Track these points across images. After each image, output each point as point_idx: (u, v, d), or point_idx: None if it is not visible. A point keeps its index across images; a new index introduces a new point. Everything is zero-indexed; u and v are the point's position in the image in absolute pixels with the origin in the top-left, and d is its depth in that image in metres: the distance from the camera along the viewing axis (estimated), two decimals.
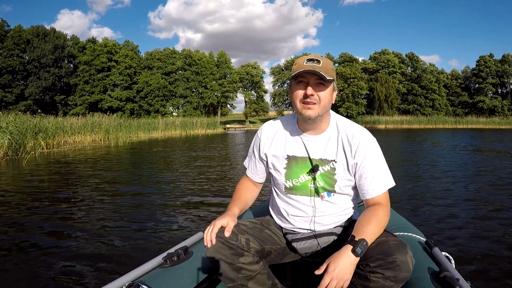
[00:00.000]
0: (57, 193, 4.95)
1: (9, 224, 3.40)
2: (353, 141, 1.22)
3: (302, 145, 1.27)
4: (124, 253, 2.64)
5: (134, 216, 3.69)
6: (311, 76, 1.16)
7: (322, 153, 1.25)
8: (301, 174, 1.27)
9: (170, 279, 1.20)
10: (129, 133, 20.05)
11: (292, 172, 1.28)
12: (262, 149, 1.36)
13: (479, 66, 47.50)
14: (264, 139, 1.36)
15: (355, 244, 1.05)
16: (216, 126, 31.87)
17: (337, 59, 48.26)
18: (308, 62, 1.16)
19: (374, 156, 1.22)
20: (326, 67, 1.16)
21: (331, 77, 1.17)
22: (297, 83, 1.20)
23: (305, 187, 1.27)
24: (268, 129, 1.37)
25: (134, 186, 5.48)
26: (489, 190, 4.83)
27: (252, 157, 1.42)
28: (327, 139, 1.26)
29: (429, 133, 25.70)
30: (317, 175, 1.24)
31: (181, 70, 41.48)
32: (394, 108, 45.89)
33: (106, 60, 38.76)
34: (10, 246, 2.83)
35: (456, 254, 2.38)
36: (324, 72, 1.14)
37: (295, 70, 1.18)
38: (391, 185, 1.24)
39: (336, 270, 1.01)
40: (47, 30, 38.83)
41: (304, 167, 1.26)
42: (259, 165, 1.40)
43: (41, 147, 11.71)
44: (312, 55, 1.20)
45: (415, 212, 3.68)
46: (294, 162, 1.28)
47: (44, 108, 36.26)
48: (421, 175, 6.31)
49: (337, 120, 1.29)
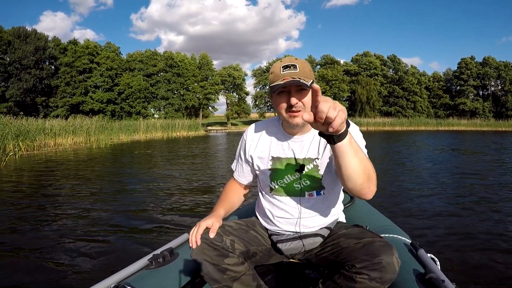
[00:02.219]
0: (36, 195, 4.89)
1: None
2: None
3: (287, 146, 1.27)
4: (109, 255, 2.64)
5: (118, 218, 3.67)
6: (291, 85, 1.14)
7: (306, 152, 1.25)
8: (286, 175, 1.27)
9: (156, 280, 1.20)
10: (110, 135, 19.90)
11: (277, 173, 1.29)
12: (247, 151, 1.37)
13: (460, 68, 47.91)
14: (250, 141, 1.37)
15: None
16: (198, 128, 31.74)
17: (319, 61, 48.57)
18: (284, 70, 1.15)
19: (356, 139, 1.10)
20: (303, 71, 1.15)
21: (311, 79, 1.16)
22: (278, 94, 1.18)
23: (291, 188, 1.27)
24: (253, 132, 1.38)
25: (117, 188, 5.47)
26: (474, 191, 4.88)
27: (239, 160, 1.43)
28: (312, 138, 1.25)
29: (411, 135, 25.60)
30: (303, 174, 1.24)
31: (162, 72, 41.56)
32: (376, 110, 46.33)
33: (87, 62, 38.77)
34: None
35: (441, 255, 2.38)
36: (303, 77, 1.13)
37: (273, 80, 1.17)
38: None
39: (331, 101, 0.87)
40: (28, 32, 38.77)
41: (289, 168, 1.27)
42: (246, 167, 1.41)
43: (21, 150, 11.55)
44: (287, 60, 1.18)
45: (401, 214, 3.68)
46: (279, 163, 1.28)
47: (25, 110, 36.41)
48: (405, 177, 6.32)
49: None
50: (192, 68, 41.67)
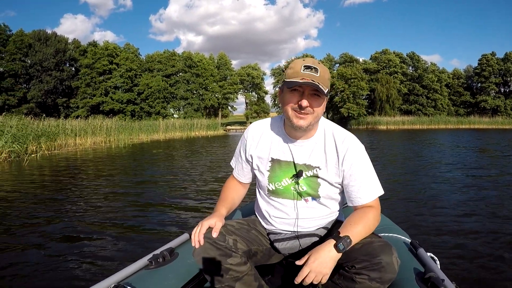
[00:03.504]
0: (47, 193, 4.92)
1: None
2: (341, 148, 1.20)
3: (287, 149, 1.25)
4: (110, 254, 2.62)
5: (122, 217, 3.65)
6: (307, 86, 1.11)
7: (307, 158, 1.22)
8: (284, 178, 1.26)
9: (156, 280, 1.19)
10: (130, 135, 20.07)
11: (275, 175, 1.27)
12: (248, 151, 1.34)
13: (481, 65, 47.09)
14: (250, 141, 1.34)
15: (338, 239, 1.04)
16: (217, 127, 31.86)
17: (338, 59, 48.19)
18: (305, 70, 1.11)
19: (362, 164, 1.20)
20: (323, 77, 1.12)
21: (327, 87, 1.14)
22: (291, 91, 1.14)
23: (288, 191, 1.26)
24: (254, 131, 1.35)
25: (126, 187, 5.46)
26: (476, 191, 4.79)
27: (239, 158, 1.41)
28: (313, 145, 1.23)
29: (429, 133, 25.51)
30: (300, 180, 1.23)
31: (181, 72, 41.60)
32: (395, 109, 45.63)
33: (107, 63, 39.01)
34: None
35: (441, 255, 2.37)
36: (322, 83, 1.10)
37: (291, 75, 1.13)
38: (379, 193, 1.21)
39: (316, 262, 1.01)
40: (48, 34, 39.20)
41: (287, 171, 1.25)
42: (246, 166, 1.39)
43: (42, 149, 11.75)
44: (309, 61, 1.13)
45: (400, 213, 3.66)
46: (278, 165, 1.26)
47: (47, 111, 36.47)
48: (407, 176, 6.23)
49: (325, 126, 1.26)
50: (210, 68, 41.65)
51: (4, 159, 9.34)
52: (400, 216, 3.51)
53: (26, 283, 2.19)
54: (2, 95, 36.70)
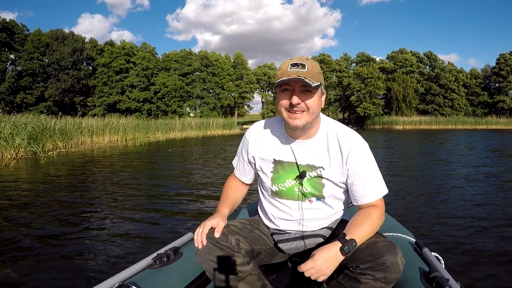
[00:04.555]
0: (57, 193, 4.94)
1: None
2: (344, 147, 1.18)
3: (290, 150, 1.23)
4: (114, 253, 2.61)
5: (129, 215, 3.66)
6: (296, 83, 1.10)
7: (310, 158, 1.21)
8: (287, 179, 1.24)
9: (160, 279, 1.19)
10: (146, 134, 20.29)
11: (278, 176, 1.26)
12: (250, 152, 1.33)
13: (499, 64, 46.37)
14: (252, 142, 1.33)
15: (344, 242, 1.03)
16: (233, 126, 31.88)
17: (354, 58, 47.80)
18: (292, 67, 1.11)
19: (366, 163, 1.18)
20: (311, 72, 1.10)
21: (318, 81, 1.11)
22: (282, 91, 1.14)
23: (292, 192, 1.25)
24: (255, 132, 1.34)
25: (137, 186, 5.47)
26: (484, 191, 4.72)
27: (241, 158, 1.40)
28: (316, 144, 1.21)
29: (445, 134, 25.43)
30: (304, 181, 1.21)
31: (197, 71, 41.49)
32: (412, 109, 45.09)
33: (124, 62, 39.00)
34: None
35: (446, 254, 2.38)
36: (310, 77, 1.08)
37: (279, 76, 1.12)
38: (383, 192, 1.19)
39: (319, 262, 1.01)
40: (65, 34, 39.33)
41: (290, 172, 1.24)
42: (247, 166, 1.38)
43: (59, 147, 11.94)
44: (297, 59, 1.13)
45: (405, 213, 3.65)
46: (281, 166, 1.25)
47: (64, 109, 36.45)
48: (414, 175, 6.24)
49: (327, 125, 1.23)
50: (227, 67, 41.50)
51: (21, 156, 9.57)
52: (405, 216, 3.50)
53: (32, 281, 2.17)
54: (20, 94, 36.80)
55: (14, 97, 36.63)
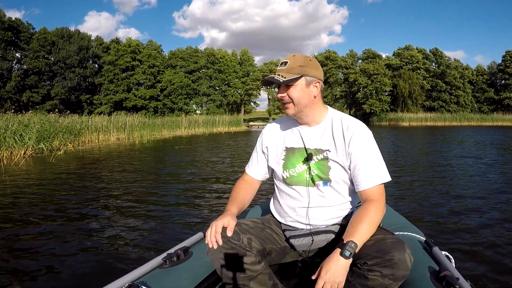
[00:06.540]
0: (67, 190, 4.96)
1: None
2: (348, 132, 1.23)
3: (299, 136, 1.31)
4: (124, 253, 2.61)
5: (138, 215, 3.62)
6: (278, 80, 1.22)
7: (317, 142, 1.27)
8: (298, 164, 1.29)
9: (170, 279, 1.18)
10: (153, 131, 20.28)
11: (289, 162, 1.31)
12: (264, 143, 1.41)
13: (505, 61, 46.26)
14: (267, 134, 1.41)
15: (342, 247, 1.05)
16: (239, 123, 31.85)
17: (361, 55, 47.69)
18: (279, 66, 1.24)
19: (368, 148, 1.22)
20: (291, 67, 1.21)
21: (296, 75, 1.20)
22: (278, 88, 1.28)
23: (302, 177, 1.28)
24: (271, 126, 1.44)
25: (144, 185, 5.41)
26: (496, 190, 4.65)
27: (255, 154, 1.45)
28: (323, 130, 1.28)
29: (451, 130, 25.30)
30: (312, 164, 1.25)
31: (204, 69, 41.39)
32: (418, 105, 44.96)
33: (130, 60, 38.88)
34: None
35: (456, 253, 2.37)
36: (288, 73, 1.20)
37: None
38: (385, 179, 1.20)
39: (328, 274, 1.02)
40: (71, 32, 39.22)
41: (300, 157, 1.29)
42: (261, 161, 1.42)
43: (67, 146, 12.02)
44: (286, 58, 1.25)
45: (415, 211, 3.62)
46: (291, 153, 1.31)
47: (70, 107, 36.37)
48: (423, 173, 6.16)
49: (333, 115, 1.31)
50: (233, 64, 41.41)
51: (30, 155, 9.66)
52: (414, 214, 3.46)
53: (42, 279, 2.16)
54: (26, 93, 36.71)
55: (20, 96, 36.55)
